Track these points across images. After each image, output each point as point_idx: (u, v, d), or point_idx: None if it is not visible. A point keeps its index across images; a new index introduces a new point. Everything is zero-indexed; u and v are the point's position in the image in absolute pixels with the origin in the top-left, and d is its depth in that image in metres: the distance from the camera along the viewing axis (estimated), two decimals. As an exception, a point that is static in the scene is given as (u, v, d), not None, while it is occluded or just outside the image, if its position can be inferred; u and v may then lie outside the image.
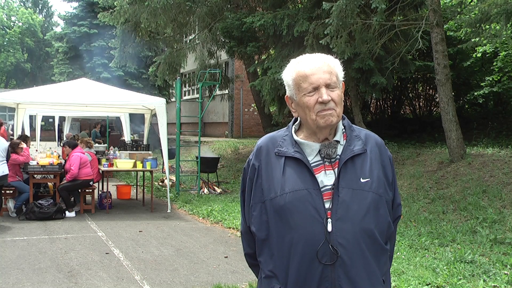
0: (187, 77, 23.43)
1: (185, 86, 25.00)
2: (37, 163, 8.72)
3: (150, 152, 10.83)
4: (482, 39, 9.39)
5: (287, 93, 1.81)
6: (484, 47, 11.13)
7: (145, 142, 11.84)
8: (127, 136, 14.20)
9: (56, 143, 19.00)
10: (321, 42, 9.09)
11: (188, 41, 16.88)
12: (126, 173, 13.28)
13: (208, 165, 11.73)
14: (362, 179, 1.71)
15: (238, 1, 14.12)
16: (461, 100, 13.26)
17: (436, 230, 6.60)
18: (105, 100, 9.87)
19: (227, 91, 19.29)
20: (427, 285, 4.73)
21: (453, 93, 9.86)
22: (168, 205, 9.37)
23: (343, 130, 1.80)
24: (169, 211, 9.23)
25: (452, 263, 5.27)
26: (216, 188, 11.42)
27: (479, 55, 11.59)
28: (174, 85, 14.63)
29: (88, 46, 21.72)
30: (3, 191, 8.39)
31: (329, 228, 1.65)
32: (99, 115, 16.74)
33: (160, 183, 12.53)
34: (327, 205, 1.67)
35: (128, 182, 12.91)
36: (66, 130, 17.31)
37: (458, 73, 12.38)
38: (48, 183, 9.92)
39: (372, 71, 10.24)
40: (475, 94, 11.62)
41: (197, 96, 19.51)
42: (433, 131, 12.28)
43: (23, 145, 8.69)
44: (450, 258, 5.42)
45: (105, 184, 9.72)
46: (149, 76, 18.98)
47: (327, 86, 1.70)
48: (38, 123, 16.48)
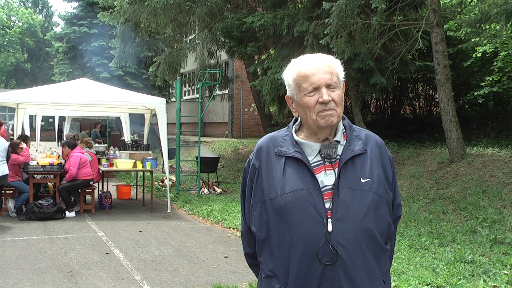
0: (187, 77, 23.43)
1: (185, 86, 25.00)
2: (37, 163, 8.72)
3: (150, 152, 10.83)
4: (482, 39, 9.39)
5: (288, 93, 1.82)
6: (484, 47, 11.13)
7: (145, 142, 11.85)
8: (127, 136, 14.21)
9: (56, 143, 19.01)
10: (321, 42, 9.09)
11: (188, 41, 16.87)
12: (126, 173, 13.28)
13: (208, 165, 11.73)
14: (362, 179, 1.71)
15: (238, 1, 14.12)
16: (461, 100, 13.26)
17: (436, 230, 6.60)
18: (105, 100, 9.87)
19: (227, 91, 19.28)
20: (427, 285, 4.73)
21: (453, 93, 9.86)
22: (168, 205, 9.37)
23: (344, 130, 1.80)
24: (169, 211, 9.23)
25: (452, 263, 5.27)
26: (216, 188, 11.43)
27: (479, 55, 11.59)
28: (174, 85, 14.64)
29: (88, 46, 21.72)
30: (3, 191, 8.39)
31: (329, 228, 1.65)
32: (99, 115, 16.73)
33: (160, 183, 12.53)
34: (328, 205, 1.68)
35: (128, 182, 12.91)
36: (66, 130, 17.31)
37: (458, 73, 12.38)
38: (48, 183, 9.93)
39: (372, 71, 10.24)
40: (475, 94, 11.62)
41: (197, 96, 19.51)
42: (433, 131, 12.28)
43: (23, 145, 8.70)
44: (450, 258, 5.42)
45: (105, 184, 9.72)
46: (149, 76, 18.97)
47: (328, 86, 1.70)
48: (38, 123, 16.47)
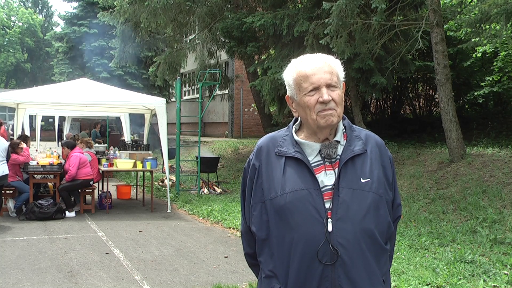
0: (187, 77, 23.44)
1: (185, 86, 25.00)
2: (37, 163, 8.72)
3: (150, 152, 10.83)
4: (482, 39, 9.39)
5: (288, 93, 1.82)
6: (484, 47, 11.13)
7: (145, 142, 11.85)
8: (127, 136, 14.20)
9: (56, 143, 19.00)
10: (321, 42, 9.09)
11: (188, 41, 16.88)
12: (126, 173, 13.28)
13: (208, 165, 11.73)
14: (362, 179, 1.71)
15: (238, 1, 14.12)
16: (461, 100, 13.26)
17: (436, 230, 6.60)
18: (105, 100, 9.87)
19: (227, 91, 19.28)
20: (427, 285, 4.73)
21: (453, 93, 9.86)
22: (168, 205, 9.37)
23: (344, 130, 1.80)
24: (169, 211, 9.23)
25: (452, 263, 5.27)
26: (216, 188, 11.43)
27: (479, 55, 11.59)
28: (174, 85, 14.64)
29: (88, 46, 21.72)
30: (3, 191, 8.39)
31: (330, 228, 1.65)
32: (99, 115, 16.73)
33: (160, 183, 12.53)
34: (328, 205, 1.68)
35: (128, 182, 12.91)
36: (66, 130, 17.30)
37: (458, 73, 12.38)
38: (48, 183, 9.93)
39: (372, 71, 10.24)
40: (475, 94, 11.62)
41: (197, 96, 19.51)
42: (433, 131, 12.28)
43: (23, 145, 8.70)
44: (450, 258, 5.42)
45: (105, 184, 9.72)
46: (149, 76, 18.98)
47: (328, 86, 1.70)
48: (38, 123, 16.46)
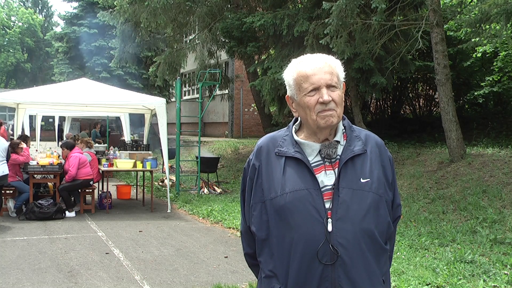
0: (187, 77, 23.44)
1: (185, 86, 25.00)
2: (37, 163, 8.72)
3: (150, 152, 10.84)
4: (482, 39, 9.39)
5: (288, 93, 1.82)
6: (484, 47, 11.13)
7: (145, 142, 11.85)
8: (127, 136, 14.21)
9: (56, 143, 19.00)
10: (321, 42, 9.09)
11: (188, 41, 16.88)
12: (126, 173, 13.28)
13: (208, 165, 11.73)
14: (362, 179, 1.71)
15: (238, 1, 14.12)
16: (461, 100, 13.26)
17: (436, 230, 6.60)
18: (105, 100, 9.87)
19: (227, 91, 19.28)
20: (427, 285, 4.73)
21: (453, 93, 9.86)
22: (168, 205, 9.37)
23: (343, 131, 1.80)
24: (169, 211, 9.23)
25: (452, 263, 5.27)
26: (216, 188, 11.43)
27: (479, 55, 11.59)
28: (174, 85, 14.64)
29: (88, 46, 21.73)
30: (3, 191, 8.39)
31: (329, 228, 1.65)
32: (99, 115, 16.73)
33: (160, 183, 12.53)
34: (328, 205, 1.68)
35: (128, 182, 12.91)
36: (66, 130, 17.30)
37: (458, 73, 12.38)
38: (48, 183, 9.93)
39: (372, 71, 10.24)
40: (475, 94, 11.62)
41: (197, 96, 19.51)
42: (433, 131, 12.28)
43: (23, 145, 8.70)
44: (450, 258, 5.42)
45: (105, 184, 9.72)
46: (149, 76, 18.98)
47: (328, 87, 1.70)
48: (38, 123, 16.46)
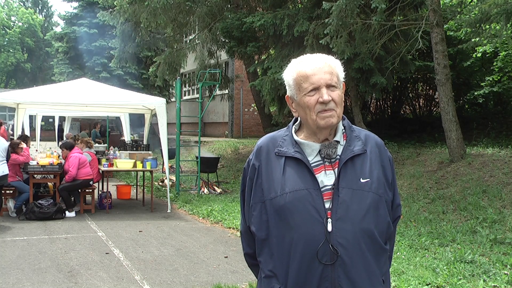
0: (187, 77, 23.44)
1: (185, 86, 25.00)
2: (37, 163, 8.72)
3: (150, 152, 10.84)
4: (482, 39, 9.40)
5: (288, 93, 1.82)
6: (484, 47, 11.13)
7: (145, 142, 11.85)
8: (127, 136, 14.21)
9: (56, 143, 19.00)
10: (321, 42, 9.09)
11: (188, 41, 16.88)
12: (126, 173, 13.27)
13: (208, 165, 11.73)
14: (362, 179, 1.71)
15: (238, 1, 14.12)
16: (461, 100, 13.26)
17: (436, 230, 6.60)
18: (105, 100, 9.88)
19: (227, 91, 19.28)
20: (427, 285, 4.73)
21: (453, 93, 9.86)
22: (168, 205, 9.37)
23: (343, 131, 1.80)
24: (169, 211, 9.23)
25: (452, 263, 5.27)
26: (216, 188, 11.43)
27: (479, 55, 11.59)
28: (174, 85, 14.64)
29: (88, 46, 21.73)
30: (3, 191, 8.39)
31: (329, 228, 1.65)
32: (99, 115, 16.73)
33: (160, 183, 12.53)
34: (327, 205, 1.68)
35: (128, 182, 12.91)
36: (66, 130, 17.30)
37: (458, 73, 12.38)
38: (48, 183, 9.93)
39: (372, 71, 10.24)
40: (475, 94, 11.62)
41: (197, 96, 19.51)
42: (433, 131, 12.28)
43: (23, 145, 8.70)
44: (450, 258, 5.42)
45: (105, 184, 9.73)
46: (149, 76, 18.99)
47: (328, 87, 1.70)
48: (38, 123, 16.46)
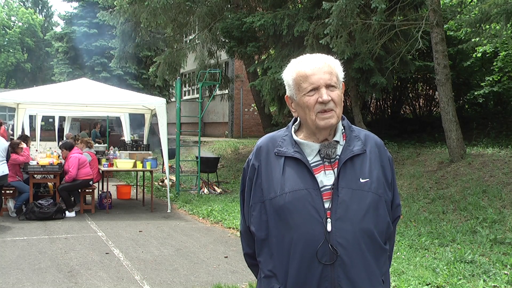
0: (187, 77, 23.44)
1: (185, 86, 25.00)
2: (37, 163, 8.72)
3: (150, 152, 10.84)
4: (482, 39, 9.39)
5: (287, 93, 1.82)
6: (484, 47, 11.13)
7: (145, 142, 11.85)
8: (127, 136, 14.21)
9: (56, 143, 19.00)
10: (321, 42, 9.09)
11: (188, 41, 16.88)
12: (126, 173, 13.27)
13: (208, 165, 11.73)
14: (362, 179, 1.71)
15: (238, 1, 14.12)
16: (461, 100, 13.26)
17: (436, 230, 6.60)
18: (105, 100, 9.88)
19: (227, 91, 19.28)
20: (427, 285, 4.73)
21: (453, 93, 9.86)
22: (168, 205, 9.37)
23: (343, 131, 1.80)
24: (169, 211, 9.23)
25: (452, 263, 5.27)
26: (216, 188, 11.43)
27: (479, 55, 11.59)
28: (174, 85, 14.64)
29: (88, 46, 21.74)
30: (3, 191, 8.39)
31: (329, 228, 1.65)
32: (99, 115, 16.73)
33: (160, 183, 12.53)
34: (327, 205, 1.68)
35: (128, 182, 12.91)
36: (66, 130, 17.30)
37: (458, 73, 12.38)
38: (48, 183, 9.93)
39: (372, 71, 10.24)
40: (475, 94, 11.62)
41: (197, 96, 19.52)
42: (433, 131, 12.28)
43: (23, 145, 8.70)
44: (450, 258, 5.42)
45: (105, 184, 9.73)
46: (149, 76, 19.00)
47: (327, 87, 1.70)
48: (38, 123, 16.46)
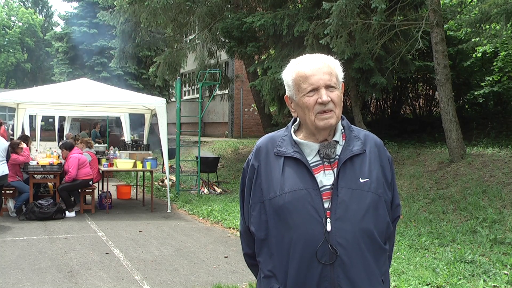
0: (187, 77, 23.44)
1: (185, 86, 25.00)
2: (37, 163, 8.72)
3: (150, 152, 10.84)
4: (482, 39, 9.40)
5: (287, 93, 1.82)
6: (484, 47, 11.13)
7: (145, 142, 11.85)
8: (127, 136, 14.21)
9: (57, 143, 18.99)
10: (321, 42, 9.09)
11: (188, 41, 16.88)
12: (126, 173, 13.28)
13: (208, 165, 11.73)
14: (361, 179, 1.71)
15: (238, 1, 14.12)
16: (461, 100, 13.26)
17: (436, 230, 6.60)
18: (105, 100, 9.88)
19: (227, 91, 19.28)
20: (427, 285, 4.73)
21: (453, 93, 9.86)
22: (168, 205, 9.37)
23: (342, 131, 1.80)
24: (169, 211, 9.23)
25: (452, 263, 5.27)
26: (216, 188, 11.43)
27: (479, 55, 11.59)
28: (174, 85, 14.64)
29: (88, 46, 21.75)
30: (3, 191, 8.39)
31: (328, 228, 1.65)
32: (99, 115, 16.73)
33: (160, 183, 12.53)
34: (326, 205, 1.68)
35: (128, 182, 12.91)
36: (66, 130, 17.30)
37: (458, 73, 12.38)
38: (48, 183, 9.93)
39: (372, 71, 10.24)
40: (475, 94, 11.62)
41: (197, 96, 19.52)
42: (433, 131, 12.28)
43: (23, 145, 8.70)
44: (450, 258, 5.42)
45: (105, 184, 9.73)
46: (149, 76, 19.00)
47: (327, 87, 1.70)
48: (38, 123, 16.46)
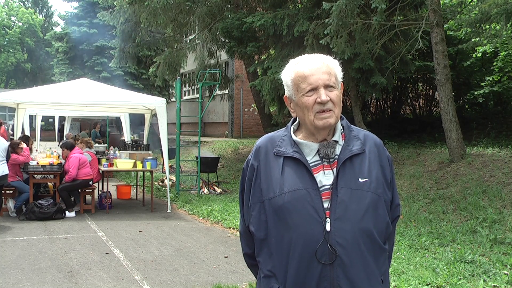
0: (187, 77, 23.43)
1: (185, 86, 24.99)
2: (37, 163, 8.72)
3: (150, 152, 10.84)
4: (482, 39, 9.40)
5: (286, 93, 1.82)
6: (484, 47, 11.13)
7: (145, 142, 11.85)
8: (127, 136, 14.21)
9: (57, 143, 18.98)
10: (321, 42, 9.09)
11: (188, 41, 16.88)
12: (126, 173, 13.28)
13: (208, 165, 11.73)
14: (361, 179, 1.71)
15: (238, 1, 14.12)
16: (461, 100, 13.26)
17: (436, 230, 6.60)
18: (105, 100, 9.88)
19: (227, 91, 19.28)
20: (427, 285, 4.73)
21: (453, 93, 9.86)
22: (168, 205, 9.38)
23: (342, 131, 1.80)
24: (169, 211, 9.23)
25: (452, 263, 5.27)
26: (216, 188, 11.43)
27: (479, 55, 11.59)
28: (174, 85, 14.65)
29: (88, 46, 21.75)
30: (3, 191, 8.39)
31: (328, 228, 1.65)
32: (99, 115, 16.73)
33: (160, 183, 12.53)
34: (326, 205, 1.68)
35: (128, 182, 12.91)
36: (66, 130, 17.30)
37: (458, 73, 12.38)
38: (48, 183, 9.93)
39: (372, 71, 10.24)
40: (475, 94, 11.62)
41: (197, 96, 19.52)
42: (433, 131, 12.28)
43: (23, 145, 8.70)
44: (450, 258, 5.42)
45: (105, 184, 9.73)
46: (149, 76, 19.00)
47: (326, 87, 1.70)
48: (38, 123, 16.46)
